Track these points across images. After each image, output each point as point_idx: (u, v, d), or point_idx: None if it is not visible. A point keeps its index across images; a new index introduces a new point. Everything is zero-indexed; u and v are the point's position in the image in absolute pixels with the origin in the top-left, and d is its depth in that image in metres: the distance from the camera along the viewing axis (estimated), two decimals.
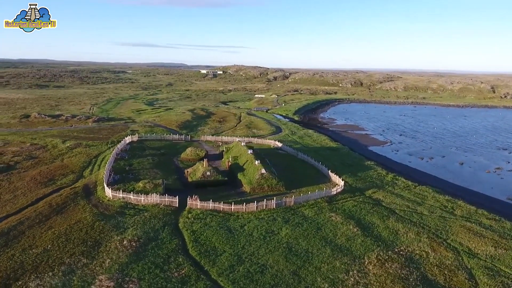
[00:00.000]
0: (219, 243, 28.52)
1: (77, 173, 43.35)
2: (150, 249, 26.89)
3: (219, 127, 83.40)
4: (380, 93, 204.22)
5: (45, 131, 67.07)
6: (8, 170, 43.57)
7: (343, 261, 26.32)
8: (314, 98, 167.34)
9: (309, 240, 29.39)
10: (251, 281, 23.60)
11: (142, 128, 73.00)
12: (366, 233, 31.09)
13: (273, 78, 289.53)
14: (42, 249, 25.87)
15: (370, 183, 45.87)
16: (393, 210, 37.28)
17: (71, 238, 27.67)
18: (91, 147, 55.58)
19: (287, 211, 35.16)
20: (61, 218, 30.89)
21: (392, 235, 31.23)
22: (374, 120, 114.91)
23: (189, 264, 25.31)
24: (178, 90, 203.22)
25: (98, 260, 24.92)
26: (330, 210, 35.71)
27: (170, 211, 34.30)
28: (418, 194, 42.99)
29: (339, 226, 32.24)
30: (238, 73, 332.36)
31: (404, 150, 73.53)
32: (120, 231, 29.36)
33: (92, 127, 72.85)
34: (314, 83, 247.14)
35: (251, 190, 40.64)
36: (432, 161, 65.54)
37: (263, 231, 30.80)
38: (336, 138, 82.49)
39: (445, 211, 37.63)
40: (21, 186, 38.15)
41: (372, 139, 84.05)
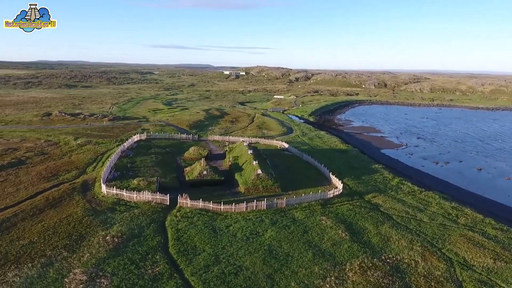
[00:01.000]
0: (201, 242, 28.41)
1: (81, 169, 44.83)
2: (130, 246, 27.22)
3: (230, 127, 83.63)
4: (404, 94, 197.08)
5: (62, 128, 70.10)
6: (18, 164, 45.81)
7: (323, 267, 25.38)
8: (334, 100, 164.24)
9: (292, 243, 28.63)
10: (223, 282, 23.27)
11: (153, 127, 74.56)
12: (354, 239, 29.87)
13: (295, 79, 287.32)
14: (29, 241, 26.86)
15: (372, 187, 44.18)
16: (390, 215, 35.64)
17: (58, 231, 28.56)
18: (100, 145, 57.40)
19: (277, 213, 34.50)
20: (54, 212, 31.99)
21: (382, 241, 29.80)
22: (392, 122, 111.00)
23: (165, 262, 25.36)
24: (199, 90, 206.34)
25: (78, 254, 25.52)
26: (322, 214, 34.66)
27: (161, 208, 34.64)
28: (422, 200, 40.89)
29: (327, 230, 31.19)
30: (260, 74, 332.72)
31: (419, 153, 70.35)
32: (106, 226, 29.97)
33: (106, 126, 75.31)
34: (336, 84, 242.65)
35: (245, 191, 40.29)
36: (448, 166, 62.23)
37: (248, 232, 30.36)
38: (348, 140, 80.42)
39: (447, 219, 35.50)
40: (26, 180, 39.94)
41: (387, 142, 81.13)
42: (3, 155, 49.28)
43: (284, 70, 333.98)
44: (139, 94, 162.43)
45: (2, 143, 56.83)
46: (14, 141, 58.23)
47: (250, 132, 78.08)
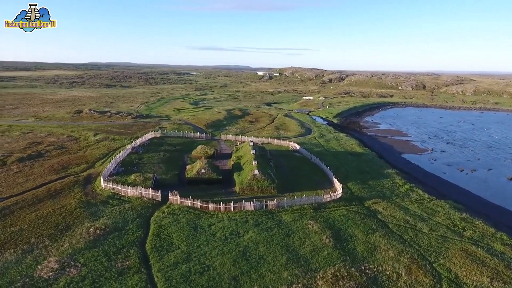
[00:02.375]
0: (178, 239, 28.52)
1: (90, 164, 47.09)
2: (110, 239, 27.99)
3: (248, 127, 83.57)
4: (444, 97, 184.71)
5: (86, 125, 74.30)
6: (37, 157, 49.22)
7: (293, 273, 24.30)
8: (365, 101, 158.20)
9: (269, 246, 27.78)
10: (186, 280, 23.11)
11: (170, 126, 76.60)
12: (338, 246, 28.33)
13: (328, 80, 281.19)
14: (19, 228, 28.64)
15: (377, 193, 41.76)
16: (387, 223, 33.39)
17: (48, 221, 30.15)
18: (116, 141, 59.97)
19: (265, 215, 33.72)
20: (51, 203, 33.85)
21: (368, 250, 27.95)
22: (423, 126, 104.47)
23: (137, 256, 25.76)
24: (229, 91, 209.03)
25: (59, 243, 26.74)
26: (312, 218, 33.30)
27: (151, 204, 35.34)
28: (429, 209, 37.88)
29: (311, 235, 29.89)
30: (294, 75, 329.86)
31: (443, 159, 65.43)
32: (93, 218, 31.14)
33: (127, 123, 78.64)
34: (370, 86, 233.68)
35: (240, 191, 39.92)
36: (474, 173, 57.18)
37: (228, 232, 29.97)
38: (368, 143, 77.00)
39: (451, 231, 32.53)
40: (37, 172, 42.75)
41: (411, 146, 76.43)
42: (26, 148, 53.24)
43: (318, 71, 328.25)
44: (171, 94, 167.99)
45: (30, 137, 61.44)
46: (40, 135, 62.74)
47: (266, 133, 77.47)
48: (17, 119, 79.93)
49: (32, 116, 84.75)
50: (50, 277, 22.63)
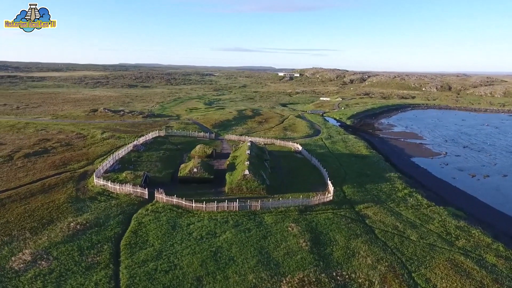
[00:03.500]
0: (154, 237, 28.65)
1: (90, 161, 48.42)
2: (88, 234, 28.53)
3: (255, 128, 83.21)
4: (470, 99, 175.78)
5: (98, 123, 76.71)
6: (42, 153, 51.26)
7: (259, 276, 23.71)
8: (384, 103, 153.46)
9: (243, 248, 27.29)
10: (149, 278, 23.11)
11: (178, 125, 77.61)
12: (314, 250, 27.40)
13: (349, 81, 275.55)
14: (5, 220, 29.81)
15: (371, 197, 40.19)
16: (373, 229, 31.98)
17: (34, 214, 31.20)
18: (120, 139, 61.42)
19: (247, 216, 33.23)
20: (42, 197, 35.05)
21: (345, 256, 26.83)
22: (442, 128, 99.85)
23: (109, 253, 26.08)
24: (247, 91, 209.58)
25: (38, 237, 27.57)
26: (294, 220, 32.47)
27: (138, 201, 35.80)
28: (424, 215, 35.96)
29: (289, 238, 29.12)
30: (315, 76, 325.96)
31: (456, 164, 62.10)
32: (78, 214, 31.90)
33: (137, 122, 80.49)
34: (392, 87, 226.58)
35: (229, 191, 39.65)
36: (486, 180, 53.85)
37: (205, 232, 29.78)
38: (378, 145, 74.57)
39: (442, 239, 30.66)
40: (39, 167, 44.48)
41: (424, 150, 73.17)
42: (35, 144, 55.62)
43: (339, 72, 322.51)
44: (188, 94, 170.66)
45: (42, 134, 64.19)
46: (52, 132, 65.42)
47: (273, 133, 76.79)
48: (36, 117, 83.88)
49: (50, 114, 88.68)
50: (20, 269, 23.34)
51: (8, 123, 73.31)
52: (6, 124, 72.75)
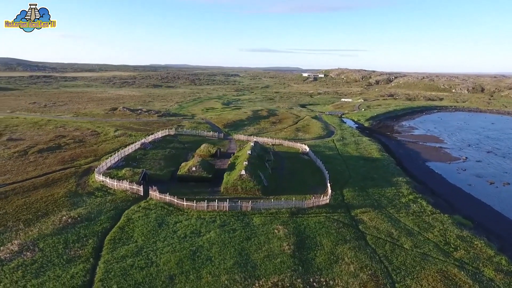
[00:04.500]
0: (139, 234, 29.02)
1: (97, 157, 49.98)
2: (77, 228, 29.37)
3: (267, 128, 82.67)
4: (504, 101, 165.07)
5: (113, 121, 79.33)
6: (55, 149, 53.64)
7: (233, 278, 23.31)
8: (408, 104, 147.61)
9: (223, 248, 27.00)
10: (123, 274, 23.36)
11: (190, 124, 78.61)
12: (296, 254, 26.59)
13: (375, 82, 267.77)
14: (4, 212, 31.33)
15: (371, 201, 38.57)
16: (365, 235, 30.62)
17: (31, 207, 32.58)
18: (131, 137, 63.08)
19: (236, 216, 32.91)
20: (43, 191, 36.57)
21: (328, 262, 25.83)
22: (467, 132, 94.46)
23: (92, 247, 26.68)
24: (269, 92, 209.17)
25: (30, 228, 28.72)
26: (283, 223, 31.75)
27: (132, 198, 36.49)
28: (425, 223, 33.98)
29: (273, 241, 28.48)
30: (339, 77, 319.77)
31: (475, 170, 58.40)
32: (72, 208, 32.96)
33: (151, 121, 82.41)
34: (420, 88, 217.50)
35: (224, 190, 39.50)
36: (505, 187, 50.19)
37: (190, 230, 29.79)
38: (393, 148, 71.77)
39: (438, 249, 28.80)
40: (48, 162, 46.52)
41: (442, 154, 69.44)
42: (50, 141, 58.31)
43: (365, 73, 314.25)
44: (209, 94, 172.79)
45: (60, 131, 67.21)
46: (69, 129, 68.36)
47: (283, 134, 75.95)
48: (59, 115, 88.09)
49: (72, 112, 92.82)
50: (5, 258, 24.38)
51: (32, 120, 77.49)
52: (30, 121, 76.93)
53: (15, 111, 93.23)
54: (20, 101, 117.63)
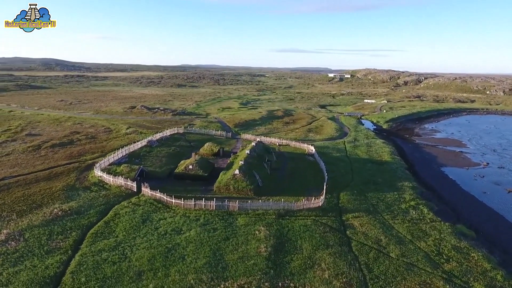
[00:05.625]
0: (121, 229, 29.54)
1: (103, 153, 51.60)
2: (65, 220, 30.38)
3: (278, 128, 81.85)
4: None
5: (128, 119, 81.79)
6: (67, 144, 56.08)
7: (200, 278, 23.06)
8: (434, 106, 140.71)
9: (199, 247, 26.84)
10: (95, 267, 23.81)
11: (201, 123, 79.40)
12: (272, 257, 25.90)
13: (403, 82, 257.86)
14: (2, 202, 33.07)
15: (367, 206, 36.94)
16: (350, 241, 29.30)
17: (28, 199, 34.14)
18: (141, 134, 64.68)
19: (221, 215, 32.67)
20: (44, 184, 38.24)
21: (302, 268, 24.92)
22: (494, 136, 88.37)
23: (74, 239, 27.48)
24: (291, 92, 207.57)
25: (21, 219, 30.08)
26: (267, 224, 31.09)
27: (125, 194, 37.29)
28: (421, 231, 32.00)
29: (251, 242, 27.94)
30: (366, 77, 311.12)
31: (493, 177, 54.42)
32: (66, 201, 34.19)
33: (164, 119, 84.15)
34: (451, 89, 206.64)
35: (216, 190, 39.40)
36: None
37: (171, 228, 29.93)
38: (408, 152, 68.58)
39: (428, 259, 26.97)
40: (56, 157, 48.67)
41: (461, 159, 65.37)
42: (65, 136, 61.07)
43: (393, 73, 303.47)
44: (230, 94, 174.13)
45: (76, 127, 70.27)
46: (85, 126, 71.28)
47: (294, 134, 74.86)
48: (80, 112, 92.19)
49: (93, 110, 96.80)
50: None
51: (54, 117, 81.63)
52: (53, 117, 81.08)
53: (42, 108, 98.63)
54: (50, 99, 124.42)
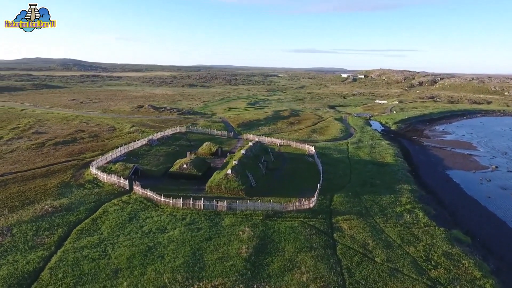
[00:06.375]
0: (107, 226, 29.79)
1: (103, 151, 52.24)
2: (53, 216, 30.85)
3: (282, 128, 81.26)
4: None
5: (134, 118, 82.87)
6: (70, 142, 57.23)
7: (175, 277, 22.93)
8: (448, 107, 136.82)
9: (180, 247, 26.74)
10: (74, 264, 24.02)
11: (204, 122, 79.66)
12: (251, 259, 25.53)
13: (418, 83, 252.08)
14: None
15: (360, 209, 36.04)
16: (336, 244, 28.62)
17: (22, 195, 34.90)
18: (143, 133, 65.35)
19: (208, 215, 32.53)
20: (40, 180, 39.06)
21: (281, 270, 24.45)
22: (508, 139, 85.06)
23: (59, 235, 27.87)
24: (301, 92, 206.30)
25: (12, 215, 30.73)
26: (253, 225, 30.74)
27: (117, 192, 37.65)
28: (413, 235, 30.96)
29: (233, 243, 27.65)
30: (380, 78, 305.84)
31: (501, 181, 52.30)
32: (58, 198, 34.79)
33: (169, 118, 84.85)
34: (467, 90, 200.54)
35: (208, 189, 39.31)
36: None
37: (156, 227, 29.98)
38: (413, 153, 66.86)
39: (414, 265, 26.02)
40: (57, 155, 49.69)
41: (469, 162, 63.16)
42: (69, 135, 62.35)
43: (408, 74, 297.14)
44: (239, 94, 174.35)
45: (82, 126, 71.66)
46: (90, 125, 72.63)
47: (297, 135, 74.16)
48: (88, 111, 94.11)
49: (101, 109, 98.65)
50: None
51: (63, 116, 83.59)
52: (61, 116, 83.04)
53: (53, 107, 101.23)
54: (62, 98, 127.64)
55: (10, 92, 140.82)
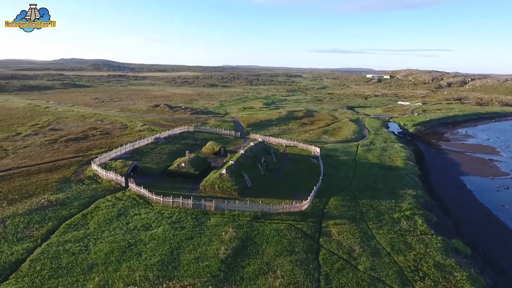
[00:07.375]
0: (95, 221, 30.43)
1: (110, 148, 53.65)
2: (47, 210, 31.90)
3: (293, 129, 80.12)
4: None
5: (147, 117, 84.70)
6: (81, 139, 59.28)
7: (146, 275, 22.95)
8: (475, 110, 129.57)
9: (161, 244, 26.82)
10: (54, 257, 24.66)
11: (214, 122, 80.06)
12: (229, 260, 25.14)
13: (446, 84, 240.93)
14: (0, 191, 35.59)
15: (355, 213, 34.70)
16: (321, 249, 27.63)
17: (23, 189, 36.40)
18: (152, 132, 66.60)
19: (195, 214, 32.47)
20: (43, 175, 40.63)
21: (256, 273, 23.89)
22: None
23: (48, 229, 28.76)
24: (322, 93, 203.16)
25: (9, 207, 32.09)
26: (237, 226, 30.32)
27: (114, 188, 38.45)
28: (405, 243, 29.38)
29: (214, 243, 27.37)
30: (406, 78, 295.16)
31: None
32: (56, 192, 35.97)
33: (181, 117, 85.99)
34: (499, 92, 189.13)
35: (202, 188, 39.29)
36: None
37: (141, 224, 30.27)
38: (427, 157, 63.87)
39: (399, 275, 24.61)
40: (66, 151, 51.59)
41: (488, 168, 59.36)
42: (82, 132, 64.65)
43: (437, 74, 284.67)
44: (258, 94, 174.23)
45: (96, 123, 74.14)
46: (104, 123, 74.99)
47: (307, 136, 72.83)
48: (106, 109, 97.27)
49: (119, 108, 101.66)
50: None
51: (82, 113, 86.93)
52: (80, 114, 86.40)
53: (75, 105, 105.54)
54: (86, 96, 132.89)
55: (40, 91, 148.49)
